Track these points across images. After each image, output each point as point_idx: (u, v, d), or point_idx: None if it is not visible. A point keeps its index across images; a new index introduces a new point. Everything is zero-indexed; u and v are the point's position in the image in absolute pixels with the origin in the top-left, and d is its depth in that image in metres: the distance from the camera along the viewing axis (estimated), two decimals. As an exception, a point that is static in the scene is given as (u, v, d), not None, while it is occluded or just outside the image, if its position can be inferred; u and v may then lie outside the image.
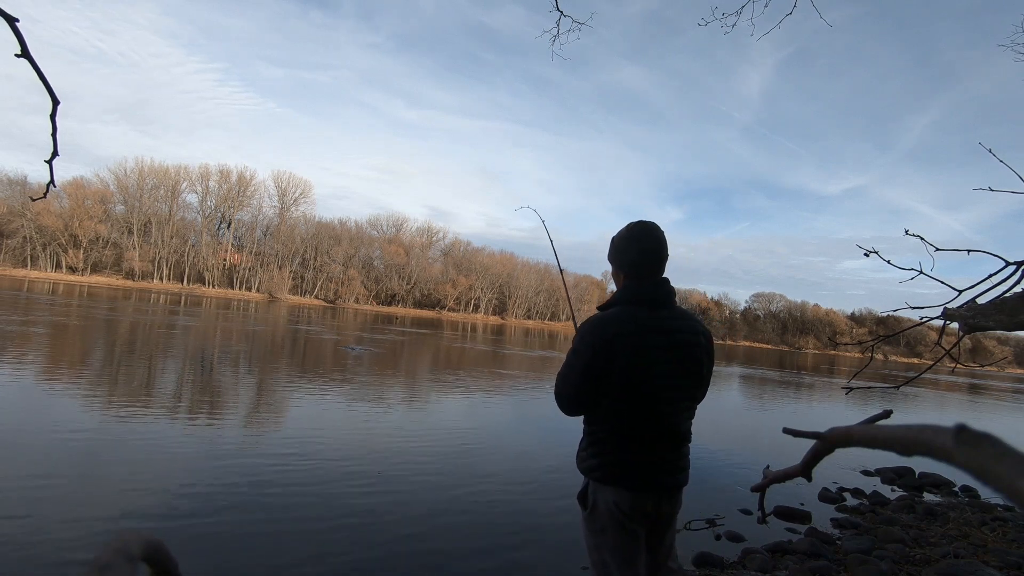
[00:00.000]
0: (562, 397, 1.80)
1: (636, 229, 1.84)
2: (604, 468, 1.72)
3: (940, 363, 2.60)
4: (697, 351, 1.79)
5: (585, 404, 1.77)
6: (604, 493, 1.73)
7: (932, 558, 3.96)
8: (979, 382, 38.08)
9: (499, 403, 9.93)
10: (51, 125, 1.14)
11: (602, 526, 1.73)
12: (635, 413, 1.70)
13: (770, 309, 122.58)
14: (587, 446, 1.79)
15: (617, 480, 1.71)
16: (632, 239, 1.83)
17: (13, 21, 1.03)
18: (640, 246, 1.81)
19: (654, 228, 1.83)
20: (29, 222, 58.52)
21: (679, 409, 1.76)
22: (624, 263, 1.84)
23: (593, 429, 1.78)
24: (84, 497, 3.76)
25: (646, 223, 1.85)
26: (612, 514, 1.71)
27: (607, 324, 1.71)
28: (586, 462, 1.78)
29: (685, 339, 1.77)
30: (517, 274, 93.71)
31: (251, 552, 3.22)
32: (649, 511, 1.73)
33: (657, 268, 1.82)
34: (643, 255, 1.81)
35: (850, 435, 0.56)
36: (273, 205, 77.19)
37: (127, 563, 0.38)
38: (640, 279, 1.81)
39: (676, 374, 1.74)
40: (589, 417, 1.80)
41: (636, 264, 1.82)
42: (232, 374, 10.02)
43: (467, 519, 4.06)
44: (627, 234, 1.85)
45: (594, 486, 1.76)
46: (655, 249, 1.81)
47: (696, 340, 1.80)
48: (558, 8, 4.05)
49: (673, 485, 1.76)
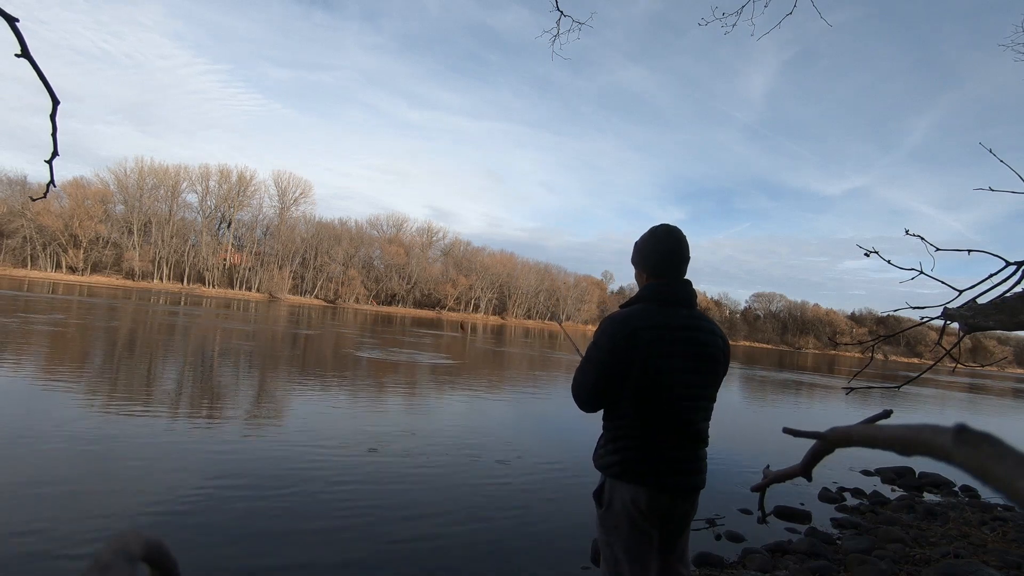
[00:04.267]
0: (580, 391, 1.80)
1: (659, 231, 1.88)
2: (622, 465, 1.72)
3: (940, 363, 2.59)
4: (716, 352, 1.80)
5: (603, 399, 1.77)
6: (621, 491, 1.73)
7: (932, 558, 3.96)
8: (979, 382, 38.06)
9: (501, 402, 9.93)
10: (51, 125, 1.14)
11: (616, 523, 1.73)
12: (654, 410, 1.71)
13: (770, 309, 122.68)
14: (606, 443, 1.79)
15: (634, 478, 1.71)
16: (654, 240, 1.87)
17: (13, 21, 1.03)
18: (662, 247, 1.85)
19: (675, 230, 1.88)
20: (29, 222, 58.53)
21: (697, 408, 1.76)
22: (647, 264, 1.88)
23: (612, 426, 1.78)
24: (84, 497, 3.76)
25: (668, 226, 1.89)
26: (628, 512, 1.71)
27: (629, 319, 1.73)
28: (604, 459, 1.78)
29: (705, 339, 1.78)
30: (517, 274, 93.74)
31: (251, 552, 3.22)
32: (665, 511, 1.72)
33: (678, 268, 1.85)
34: (665, 255, 1.85)
35: (850, 435, 0.56)
36: (273, 205, 77.38)
37: (127, 563, 0.38)
38: (662, 278, 1.84)
39: (695, 371, 1.74)
40: (608, 414, 1.80)
41: (658, 264, 1.85)
42: (232, 374, 10.02)
43: (467, 518, 4.06)
44: (649, 236, 1.89)
45: (611, 483, 1.76)
46: (676, 250, 1.85)
47: (715, 341, 1.81)
48: (558, 8, 4.05)
49: (690, 486, 1.75)
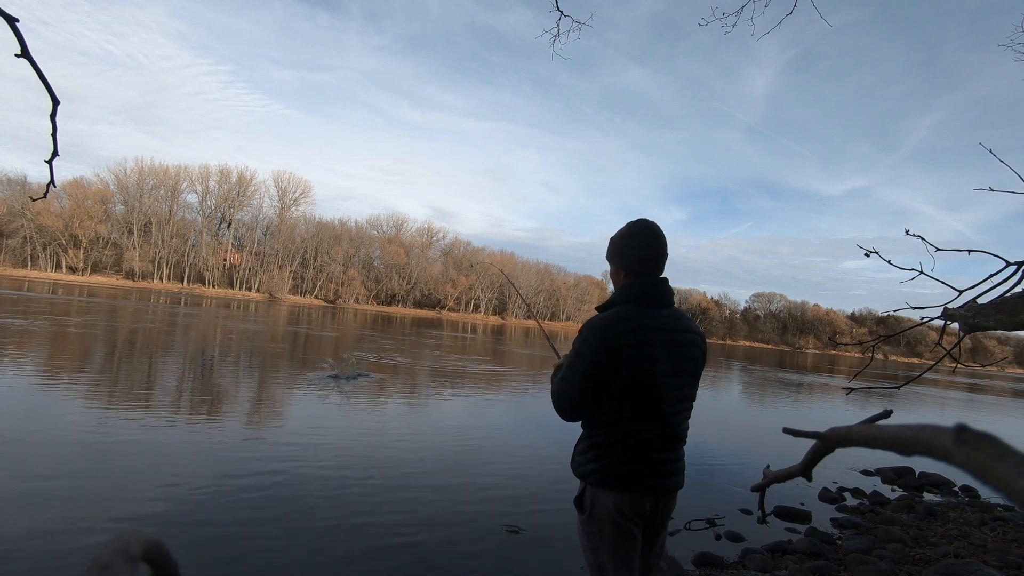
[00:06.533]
0: (563, 401, 1.75)
1: (636, 227, 1.81)
2: (603, 472, 1.70)
3: (940, 363, 2.59)
4: (695, 351, 1.78)
5: (587, 408, 1.72)
6: (602, 498, 1.70)
7: (932, 558, 3.96)
8: (979, 382, 38.05)
9: (500, 403, 9.93)
10: (51, 125, 1.14)
11: (600, 529, 1.71)
12: (638, 414, 1.67)
13: (770, 309, 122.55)
14: (584, 450, 1.76)
15: (616, 485, 1.68)
16: (632, 237, 1.81)
17: (13, 21, 1.03)
18: (641, 244, 1.79)
19: (654, 226, 1.81)
20: (29, 222, 58.52)
21: (679, 410, 1.74)
22: (624, 262, 1.81)
23: (592, 433, 1.74)
24: (84, 496, 3.76)
25: (646, 221, 1.82)
26: (611, 517, 1.69)
27: (610, 324, 1.68)
28: (584, 467, 1.75)
29: (685, 339, 1.75)
30: (517, 274, 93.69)
31: (251, 552, 3.21)
32: (648, 513, 1.72)
33: (657, 267, 1.79)
34: (644, 252, 1.78)
35: (850, 435, 0.56)
36: (273, 205, 77.28)
37: (127, 563, 0.38)
38: (641, 277, 1.78)
39: (678, 373, 1.72)
40: (588, 421, 1.76)
41: (636, 261, 1.79)
42: (232, 374, 10.02)
43: (468, 518, 4.06)
44: (627, 232, 1.82)
45: (591, 490, 1.73)
46: (655, 247, 1.78)
47: (694, 340, 1.78)
48: (558, 8, 4.05)
49: (672, 487, 1.74)
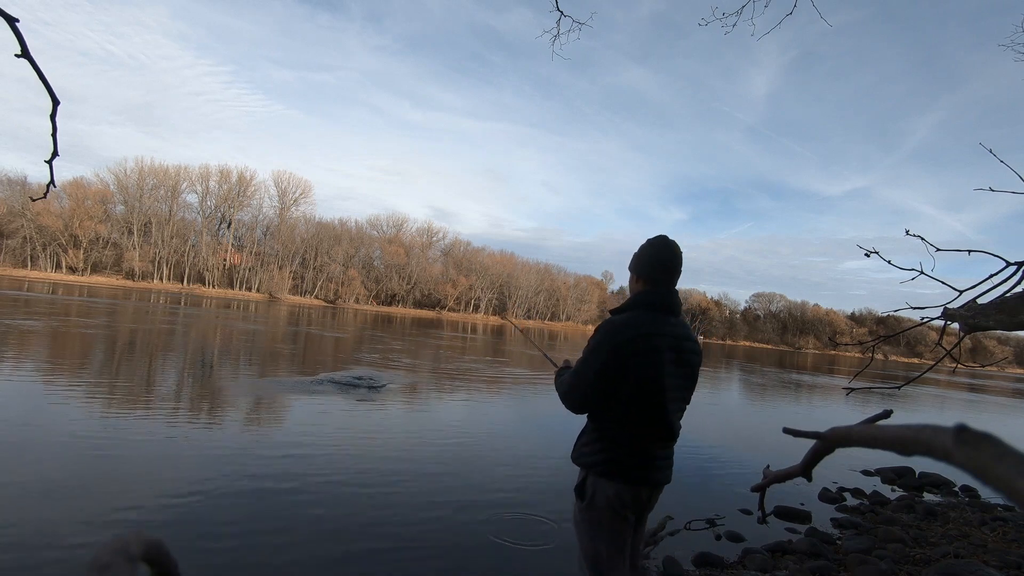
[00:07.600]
0: (574, 394, 1.91)
1: (657, 242, 2.03)
2: (608, 463, 1.85)
3: (940, 363, 2.59)
4: (696, 359, 1.99)
5: (595, 402, 1.88)
6: (604, 487, 1.85)
7: (932, 558, 3.96)
8: (979, 382, 38.05)
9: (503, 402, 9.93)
10: (51, 125, 1.14)
11: (599, 517, 1.86)
12: (642, 412, 1.84)
13: (770, 309, 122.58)
14: (590, 441, 1.92)
15: (618, 475, 1.84)
16: (652, 250, 2.02)
17: (13, 21, 1.03)
18: (659, 256, 1.99)
19: (672, 243, 2.03)
20: (29, 222, 58.49)
21: (677, 410, 1.94)
22: (642, 271, 2.01)
23: (599, 426, 1.90)
24: (84, 496, 3.76)
25: (666, 238, 2.04)
26: (610, 505, 1.84)
27: (625, 327, 1.85)
28: (588, 457, 1.90)
29: (688, 347, 1.95)
30: (517, 274, 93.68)
31: (251, 551, 3.22)
32: (643, 503, 1.91)
33: (671, 278, 1.99)
34: (661, 264, 1.98)
35: (850, 435, 0.56)
36: (273, 205, 77.22)
37: (127, 563, 0.38)
38: (655, 286, 1.97)
39: (681, 376, 1.92)
40: (595, 414, 1.92)
41: (653, 272, 1.98)
42: (232, 375, 10.02)
43: (467, 517, 4.06)
44: (648, 246, 2.04)
45: (593, 479, 1.88)
46: (672, 260, 1.99)
47: (695, 348, 1.99)
48: (558, 8, 4.05)
49: (663, 481, 1.94)
